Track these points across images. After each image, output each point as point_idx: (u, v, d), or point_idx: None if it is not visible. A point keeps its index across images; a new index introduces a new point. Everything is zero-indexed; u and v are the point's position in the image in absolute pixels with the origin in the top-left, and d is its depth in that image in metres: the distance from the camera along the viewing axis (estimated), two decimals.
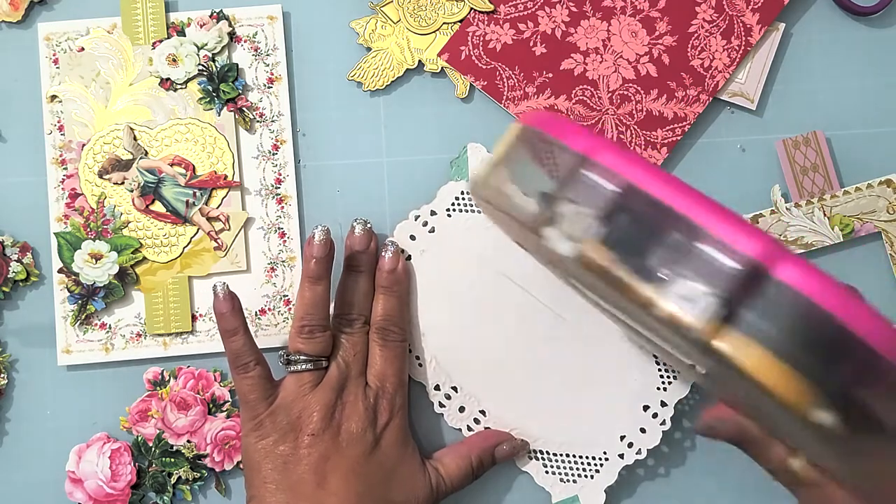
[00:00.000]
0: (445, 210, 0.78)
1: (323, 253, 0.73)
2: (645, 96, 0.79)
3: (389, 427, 0.74)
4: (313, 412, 0.72)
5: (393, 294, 0.76)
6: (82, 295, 0.77)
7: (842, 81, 0.81)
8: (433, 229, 0.78)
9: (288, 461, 0.71)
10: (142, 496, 0.77)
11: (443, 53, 0.80)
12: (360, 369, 0.74)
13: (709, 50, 0.79)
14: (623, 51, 0.79)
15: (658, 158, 0.79)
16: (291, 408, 0.72)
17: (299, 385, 0.72)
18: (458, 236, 0.78)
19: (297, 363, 0.73)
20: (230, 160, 0.78)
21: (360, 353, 0.75)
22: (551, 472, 0.78)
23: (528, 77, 0.79)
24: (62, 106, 0.78)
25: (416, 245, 0.78)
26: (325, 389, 0.72)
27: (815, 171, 0.78)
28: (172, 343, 0.78)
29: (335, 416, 0.72)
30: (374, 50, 0.80)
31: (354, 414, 0.72)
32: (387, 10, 0.80)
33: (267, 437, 0.71)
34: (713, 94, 0.79)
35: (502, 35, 0.80)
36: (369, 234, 0.75)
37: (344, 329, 0.75)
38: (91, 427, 0.78)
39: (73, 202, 0.78)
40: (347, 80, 0.80)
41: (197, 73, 0.78)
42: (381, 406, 0.74)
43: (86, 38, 0.79)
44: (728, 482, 0.80)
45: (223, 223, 0.78)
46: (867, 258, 0.79)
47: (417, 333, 0.78)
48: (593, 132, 0.57)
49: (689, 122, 0.79)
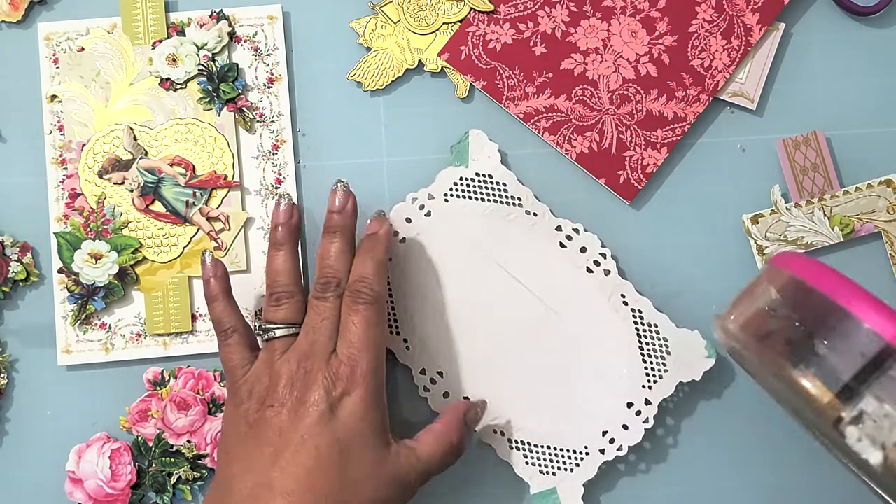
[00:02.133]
0: (443, 195, 0.79)
1: (286, 219, 0.73)
2: (645, 96, 0.79)
3: (350, 398, 0.68)
4: (277, 382, 0.69)
5: (368, 256, 0.73)
6: (82, 295, 0.77)
7: (842, 81, 0.81)
8: (430, 213, 0.79)
9: (248, 432, 0.68)
10: (142, 496, 0.77)
11: (443, 53, 0.80)
12: (329, 336, 0.70)
13: (709, 50, 0.79)
14: (623, 51, 0.79)
15: (658, 158, 0.79)
16: (261, 377, 0.70)
17: (270, 353, 0.71)
18: (455, 222, 0.78)
19: (268, 331, 0.72)
20: (230, 160, 0.78)
21: (329, 318, 0.71)
22: (531, 463, 0.78)
23: (529, 77, 0.79)
24: (62, 106, 0.78)
25: (412, 228, 0.78)
26: (289, 358, 0.70)
27: (815, 171, 0.78)
28: (172, 343, 0.78)
29: (295, 386, 0.69)
30: (374, 50, 0.80)
31: (313, 383, 0.68)
32: (387, 10, 0.80)
33: (239, 406, 0.70)
34: (713, 94, 0.79)
35: (502, 35, 0.80)
36: (347, 194, 0.74)
37: (317, 295, 0.72)
38: (91, 427, 0.78)
39: (73, 202, 0.78)
40: (347, 80, 0.80)
41: (197, 73, 0.78)
42: (341, 374, 0.69)
43: (86, 37, 0.79)
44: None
45: (223, 223, 0.78)
46: (867, 258, 0.79)
47: (406, 316, 0.78)
48: (888, 308, 0.51)
49: (690, 122, 0.79)
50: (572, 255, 0.78)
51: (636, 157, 0.79)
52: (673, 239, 0.80)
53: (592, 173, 0.79)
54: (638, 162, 0.79)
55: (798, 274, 0.55)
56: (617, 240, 0.79)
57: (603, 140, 0.79)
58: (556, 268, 0.78)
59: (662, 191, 0.80)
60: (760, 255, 0.77)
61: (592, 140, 0.79)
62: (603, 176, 0.79)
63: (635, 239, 0.80)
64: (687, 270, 0.80)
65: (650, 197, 0.80)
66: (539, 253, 0.78)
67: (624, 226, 0.80)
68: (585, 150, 0.79)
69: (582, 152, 0.79)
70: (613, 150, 0.79)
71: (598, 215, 0.79)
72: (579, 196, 0.80)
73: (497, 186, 0.78)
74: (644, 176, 0.79)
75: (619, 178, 0.79)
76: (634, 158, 0.79)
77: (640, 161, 0.79)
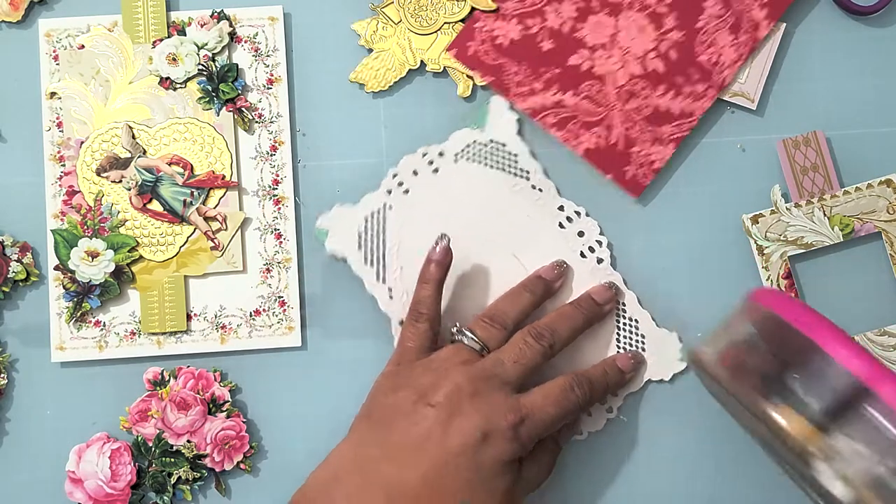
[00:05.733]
0: (454, 154, 0.79)
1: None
2: (652, 92, 0.79)
3: (505, 444, 0.67)
4: (442, 386, 0.68)
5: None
6: (78, 292, 0.77)
7: (842, 81, 0.80)
8: (437, 170, 0.79)
9: (391, 417, 0.68)
10: (142, 496, 0.77)
11: (450, 49, 0.80)
12: (517, 375, 0.70)
13: (716, 45, 0.79)
14: (631, 46, 0.79)
15: (665, 154, 0.78)
16: (430, 371, 0.70)
17: (452, 355, 0.71)
18: (460, 183, 0.79)
19: (463, 336, 0.72)
20: (228, 160, 0.78)
21: (523, 364, 0.70)
22: None
23: (536, 72, 0.79)
24: (61, 103, 0.78)
25: (416, 181, 0.79)
26: (465, 371, 0.69)
27: (815, 171, 0.77)
28: (167, 342, 0.78)
29: (460, 404, 0.67)
30: (375, 51, 0.80)
31: (475, 415, 0.67)
32: (388, 12, 0.80)
33: (395, 387, 0.70)
34: (720, 89, 0.79)
35: (510, 30, 0.80)
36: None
37: (527, 339, 0.72)
38: (91, 427, 0.78)
39: (70, 199, 0.78)
40: (350, 81, 0.80)
41: (197, 73, 0.78)
42: (510, 415, 0.67)
43: (86, 35, 0.79)
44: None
45: (220, 223, 0.78)
46: (867, 258, 0.79)
47: (395, 266, 0.78)
48: (861, 348, 0.52)
49: (696, 118, 0.78)
50: (569, 237, 0.78)
51: (643, 153, 0.79)
52: (673, 238, 0.79)
53: (599, 169, 0.79)
54: (645, 158, 0.79)
55: (775, 310, 0.56)
56: (617, 239, 0.79)
57: (610, 136, 0.79)
58: (551, 246, 0.78)
59: (663, 191, 0.80)
60: (760, 254, 0.77)
61: (599, 136, 0.79)
62: (610, 171, 0.79)
63: (635, 238, 0.79)
64: (687, 270, 0.79)
65: (650, 197, 0.80)
66: (537, 229, 0.78)
67: (624, 225, 0.79)
68: (592, 145, 0.79)
69: (589, 148, 0.79)
70: (620, 145, 0.79)
71: (599, 214, 0.79)
72: (580, 195, 0.79)
73: (508, 156, 0.79)
74: (651, 172, 0.79)
75: (626, 174, 0.79)
76: (641, 154, 0.79)
77: (646, 157, 0.79)
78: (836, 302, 0.79)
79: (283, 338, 0.78)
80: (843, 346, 0.51)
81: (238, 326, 0.78)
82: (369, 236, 0.78)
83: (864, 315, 0.78)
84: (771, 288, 0.71)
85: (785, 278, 0.77)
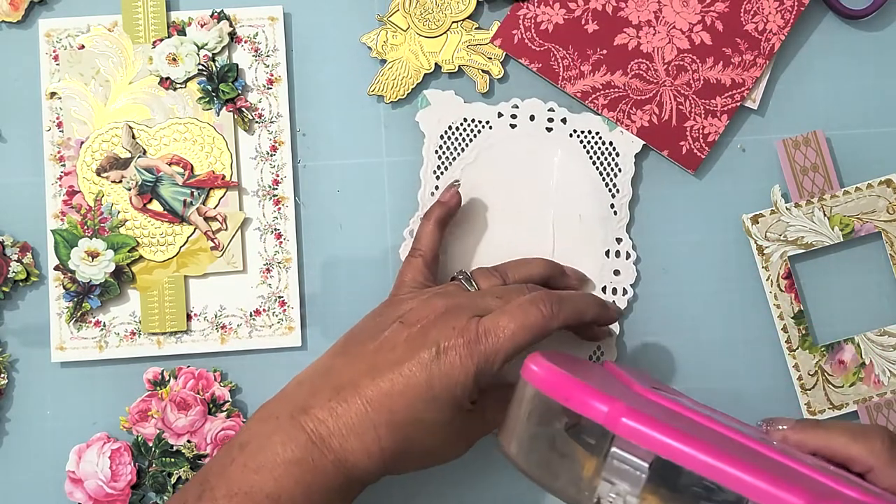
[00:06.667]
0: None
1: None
2: (701, 65, 0.79)
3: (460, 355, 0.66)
4: (419, 310, 0.69)
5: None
6: (78, 292, 0.77)
7: (842, 82, 0.80)
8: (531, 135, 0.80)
9: (368, 333, 0.69)
10: (142, 496, 0.77)
11: (495, 39, 0.80)
12: (488, 306, 0.69)
13: (762, 13, 0.78)
14: (676, 21, 0.79)
15: (719, 126, 0.78)
16: (416, 300, 0.70)
17: (442, 289, 0.71)
18: (544, 157, 0.80)
19: (462, 276, 0.73)
20: (228, 160, 0.78)
21: (505, 301, 0.69)
22: None
23: (583, 55, 0.79)
24: (61, 103, 0.78)
25: (513, 132, 0.80)
26: (446, 300, 0.69)
27: (815, 171, 0.77)
28: (167, 342, 0.78)
29: (427, 323, 0.67)
30: (389, 61, 0.80)
31: (433, 331, 0.67)
32: (395, 20, 0.80)
33: (381, 311, 0.71)
34: (769, 57, 0.78)
35: (553, 15, 0.79)
36: None
37: (520, 288, 0.71)
38: (91, 427, 0.78)
39: (70, 199, 0.78)
40: (368, 95, 0.80)
41: (197, 73, 0.78)
42: (469, 334, 0.66)
43: (86, 35, 0.79)
44: None
45: (220, 223, 0.78)
46: (867, 258, 0.79)
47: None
48: (608, 395, 0.54)
49: (748, 87, 0.78)
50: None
51: (697, 127, 0.79)
52: (673, 239, 0.79)
53: (654, 146, 0.79)
54: (699, 132, 0.79)
55: (532, 383, 0.58)
56: None
57: (662, 112, 0.79)
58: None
59: (663, 191, 0.80)
60: (760, 254, 0.77)
61: (652, 113, 0.79)
62: (665, 148, 0.79)
63: (635, 238, 0.79)
64: (687, 270, 0.79)
65: (650, 196, 0.80)
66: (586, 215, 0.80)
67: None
68: (646, 123, 0.79)
69: (643, 126, 0.79)
70: (674, 121, 0.79)
71: None
72: None
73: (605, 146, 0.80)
74: (706, 145, 0.79)
75: (682, 149, 0.79)
76: (695, 128, 0.79)
77: (701, 130, 0.79)
78: (836, 302, 0.79)
79: (283, 338, 0.78)
80: (584, 398, 0.54)
81: (238, 326, 0.78)
82: (446, 147, 0.80)
83: (864, 315, 0.78)
84: (537, 354, 0.69)
85: (785, 278, 0.77)
